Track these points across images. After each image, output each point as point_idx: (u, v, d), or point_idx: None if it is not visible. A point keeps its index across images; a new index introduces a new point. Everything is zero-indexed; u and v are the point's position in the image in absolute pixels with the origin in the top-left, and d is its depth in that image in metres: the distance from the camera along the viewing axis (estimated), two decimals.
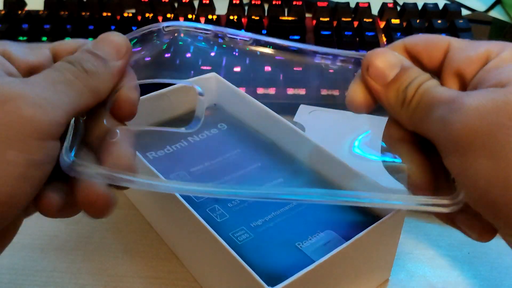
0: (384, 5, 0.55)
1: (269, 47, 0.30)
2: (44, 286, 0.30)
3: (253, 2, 0.56)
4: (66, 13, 0.54)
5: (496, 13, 0.63)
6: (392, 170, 0.26)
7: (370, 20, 0.52)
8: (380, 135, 0.27)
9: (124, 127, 0.25)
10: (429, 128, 0.22)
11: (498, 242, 0.32)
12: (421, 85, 0.23)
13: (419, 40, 0.26)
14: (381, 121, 0.40)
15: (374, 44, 0.48)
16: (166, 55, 0.33)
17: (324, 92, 0.44)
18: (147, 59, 0.30)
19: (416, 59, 0.26)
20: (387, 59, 0.25)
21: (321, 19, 0.53)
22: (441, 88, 0.23)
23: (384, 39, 0.51)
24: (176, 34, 0.30)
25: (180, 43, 0.31)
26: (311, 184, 0.32)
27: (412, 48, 0.26)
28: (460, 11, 0.54)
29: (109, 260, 0.32)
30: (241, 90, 0.37)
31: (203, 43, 0.31)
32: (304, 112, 0.42)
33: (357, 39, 0.50)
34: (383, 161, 0.27)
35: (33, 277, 0.31)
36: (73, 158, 0.21)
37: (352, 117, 0.41)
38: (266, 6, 0.58)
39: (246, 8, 0.56)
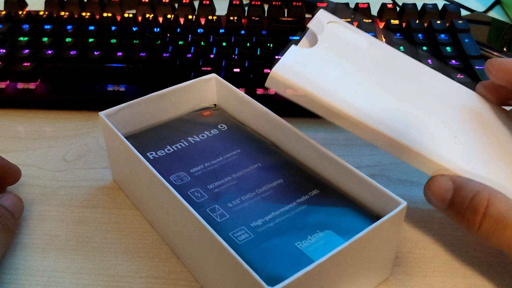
0: (383, 5, 0.55)
1: None
2: (45, 286, 0.30)
3: (253, 2, 0.56)
4: (67, 13, 0.54)
5: (495, 14, 0.63)
6: None
7: (370, 20, 0.52)
8: None
9: None
10: (501, 244, 0.27)
11: None
12: (488, 207, 0.26)
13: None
14: None
15: None
16: None
17: None
18: None
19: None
20: (439, 185, 0.28)
21: None
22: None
23: (383, 39, 0.51)
24: None
25: None
26: (311, 185, 0.32)
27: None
28: (459, 11, 0.54)
29: (109, 260, 0.32)
30: (241, 91, 0.37)
31: None
32: (323, 20, 0.35)
33: None
34: None
35: (34, 276, 0.31)
36: None
37: (373, 42, 0.35)
38: (266, 7, 0.58)
39: (246, 8, 0.56)
